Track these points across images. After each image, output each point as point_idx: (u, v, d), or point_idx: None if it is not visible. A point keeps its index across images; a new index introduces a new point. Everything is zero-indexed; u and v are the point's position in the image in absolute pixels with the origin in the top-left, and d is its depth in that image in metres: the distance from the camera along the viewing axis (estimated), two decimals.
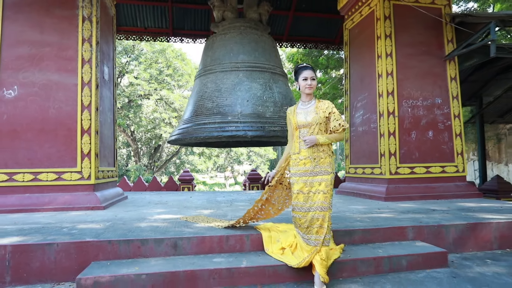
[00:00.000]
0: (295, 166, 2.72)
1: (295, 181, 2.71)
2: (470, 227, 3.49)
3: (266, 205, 3.17)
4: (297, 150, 2.73)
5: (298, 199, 2.65)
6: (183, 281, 2.51)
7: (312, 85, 2.73)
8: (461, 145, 6.02)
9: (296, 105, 2.88)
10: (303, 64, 2.86)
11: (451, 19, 6.13)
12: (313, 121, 2.68)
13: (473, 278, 2.72)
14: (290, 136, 2.93)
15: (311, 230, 2.56)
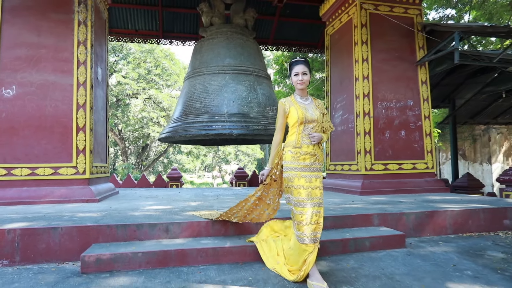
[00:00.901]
0: (295, 160, 2.64)
1: (294, 175, 2.62)
2: (428, 214, 3.96)
3: (261, 205, 3.04)
4: (299, 144, 2.65)
5: (300, 194, 2.57)
6: (174, 258, 2.88)
7: (304, 80, 2.65)
8: (430, 143, 6.53)
9: (291, 97, 2.77)
10: (296, 58, 2.76)
11: (422, 28, 6.64)
12: (319, 119, 2.69)
13: (424, 255, 3.17)
14: (280, 127, 2.80)
15: (310, 227, 2.51)
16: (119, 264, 2.78)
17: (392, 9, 6.55)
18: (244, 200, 3.09)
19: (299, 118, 2.63)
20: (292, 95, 2.80)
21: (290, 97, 2.77)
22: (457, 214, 4.04)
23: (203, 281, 2.55)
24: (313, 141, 2.64)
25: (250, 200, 3.03)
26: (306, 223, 2.51)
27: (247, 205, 3.07)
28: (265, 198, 2.99)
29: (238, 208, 3.13)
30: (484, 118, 10.20)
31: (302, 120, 2.64)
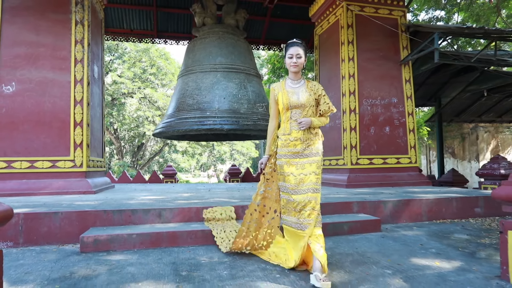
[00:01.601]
0: (285, 148, 2.59)
1: (284, 162, 2.58)
2: (405, 203, 4.25)
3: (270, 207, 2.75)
4: (288, 131, 2.59)
5: (289, 181, 2.53)
6: (166, 239, 3.14)
7: (298, 63, 2.56)
8: (414, 139, 6.83)
9: (282, 81, 2.71)
10: (292, 39, 2.66)
11: (406, 29, 6.94)
12: (307, 103, 2.58)
13: (397, 237, 3.45)
14: (273, 114, 2.75)
15: (303, 213, 2.45)
16: (115, 244, 3.03)
17: (377, 11, 6.84)
18: (250, 207, 2.81)
19: (284, 105, 2.59)
20: (284, 78, 2.72)
21: (281, 82, 2.71)
22: (432, 202, 4.33)
23: (192, 258, 2.81)
24: (301, 127, 2.54)
25: (256, 202, 2.77)
26: (298, 209, 2.45)
27: (255, 215, 2.78)
28: (270, 195, 2.75)
29: (246, 224, 2.81)
30: (469, 116, 10.55)
31: (287, 106, 2.58)
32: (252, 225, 2.79)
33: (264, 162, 2.77)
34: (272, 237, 2.78)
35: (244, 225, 2.82)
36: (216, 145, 27.41)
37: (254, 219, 2.79)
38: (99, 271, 2.51)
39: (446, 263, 2.69)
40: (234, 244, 2.86)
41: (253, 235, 2.79)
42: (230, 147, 28.52)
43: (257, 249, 2.81)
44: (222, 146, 27.99)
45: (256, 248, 2.80)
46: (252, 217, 2.79)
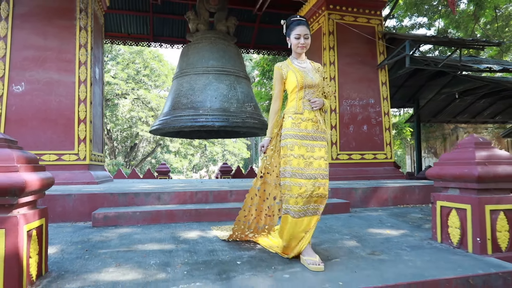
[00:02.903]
0: (296, 127, 2.44)
1: (294, 143, 2.41)
2: (373, 190, 4.86)
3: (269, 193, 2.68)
4: (301, 110, 2.46)
5: (299, 164, 2.37)
6: (165, 216, 3.69)
7: (306, 44, 2.47)
8: (389, 137, 7.47)
9: (288, 61, 2.60)
10: (296, 16, 2.55)
11: (382, 36, 7.59)
12: (320, 83, 2.52)
13: (362, 216, 4.06)
14: (277, 95, 2.61)
15: (310, 199, 2.35)
16: (122, 220, 3.58)
17: (356, 19, 7.48)
18: (250, 192, 2.76)
19: (299, 83, 2.46)
20: (288, 58, 2.63)
21: (287, 61, 2.60)
22: (397, 189, 4.95)
23: (187, 230, 3.37)
24: (314, 107, 2.46)
25: (256, 186, 2.70)
26: (306, 196, 2.33)
27: (255, 200, 2.73)
28: (270, 180, 2.64)
29: (246, 209, 2.78)
30: (446, 117, 11.27)
31: (302, 84, 2.46)
32: (253, 208, 2.74)
33: (266, 145, 2.62)
34: (273, 222, 2.73)
35: (245, 208, 2.77)
36: (208, 145, 27.85)
37: (255, 203, 2.73)
38: (111, 237, 3.06)
39: (394, 231, 3.30)
40: (235, 226, 2.83)
41: (254, 218, 2.76)
42: (222, 147, 28.97)
43: (259, 232, 2.80)
44: (214, 147, 28.41)
45: (258, 231, 2.80)
46: (252, 201, 2.74)
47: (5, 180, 1.73)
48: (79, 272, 2.17)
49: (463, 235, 2.63)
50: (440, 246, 2.78)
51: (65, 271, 2.19)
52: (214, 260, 2.42)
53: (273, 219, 2.73)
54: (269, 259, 2.44)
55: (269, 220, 2.75)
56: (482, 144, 2.70)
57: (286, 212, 2.40)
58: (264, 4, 7.90)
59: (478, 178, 2.49)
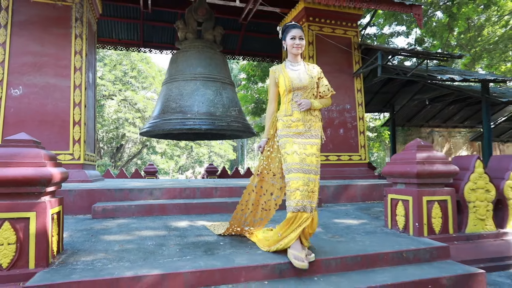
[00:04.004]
0: (287, 128, 2.59)
1: (287, 141, 2.56)
2: (344, 187, 5.44)
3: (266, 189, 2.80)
4: (290, 112, 2.60)
5: (293, 159, 2.49)
6: (157, 209, 4.16)
7: (301, 44, 2.62)
8: (364, 140, 8.09)
9: (283, 64, 2.73)
10: (291, 22, 2.72)
11: (358, 46, 8.22)
12: (309, 85, 2.61)
13: (331, 210, 4.61)
14: (272, 97, 2.76)
15: (307, 194, 2.44)
16: (119, 212, 4.04)
17: (334, 31, 8.08)
18: (247, 188, 2.87)
19: (287, 86, 2.60)
20: (283, 62, 2.77)
21: (282, 64, 2.74)
22: (365, 187, 5.54)
23: (177, 221, 3.85)
24: (300, 109, 2.57)
25: (253, 183, 2.81)
26: (302, 189, 2.42)
27: (252, 196, 2.83)
28: (267, 178, 2.77)
29: (243, 204, 2.90)
30: (419, 121, 12.03)
31: (290, 88, 2.60)
32: (249, 203, 2.86)
33: (263, 145, 2.76)
34: (268, 216, 2.88)
35: (242, 202, 2.90)
36: (194, 147, 28.13)
37: (251, 198, 2.84)
38: (110, 226, 3.52)
39: (356, 221, 3.86)
40: (233, 219, 2.96)
41: (251, 212, 2.88)
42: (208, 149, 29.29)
43: (255, 225, 2.94)
44: (201, 148, 28.69)
45: (254, 224, 2.94)
46: (250, 196, 2.86)
47: (37, 173, 2.19)
48: (90, 250, 2.64)
49: (406, 221, 3.21)
50: (389, 231, 3.35)
51: (78, 250, 2.66)
52: (201, 241, 2.93)
53: (269, 213, 2.87)
54: (247, 242, 2.95)
55: (265, 213, 2.88)
56: (423, 146, 3.28)
57: (287, 210, 2.48)
58: (249, 14, 8.44)
59: (417, 174, 3.07)
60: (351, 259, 2.52)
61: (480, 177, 3.29)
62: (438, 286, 2.37)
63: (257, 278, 2.29)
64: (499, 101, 7.58)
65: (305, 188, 2.43)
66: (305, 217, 2.43)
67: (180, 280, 2.15)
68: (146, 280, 2.09)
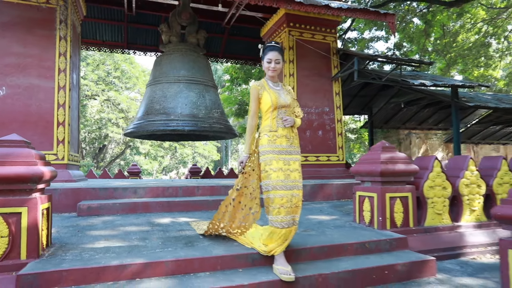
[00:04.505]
0: (272, 144, 2.65)
1: (272, 158, 2.61)
2: (320, 186, 5.74)
3: (245, 204, 2.84)
4: (275, 128, 2.68)
5: (278, 177, 2.56)
6: (141, 207, 4.35)
7: (276, 68, 2.73)
8: (341, 141, 8.44)
9: (264, 81, 2.81)
10: (271, 42, 2.78)
11: (336, 51, 8.57)
12: (292, 104, 2.78)
13: (308, 208, 4.89)
14: (254, 112, 2.80)
15: (290, 210, 2.54)
16: (104, 210, 4.21)
17: (313, 36, 8.41)
18: (225, 200, 2.93)
19: (273, 103, 2.67)
20: (263, 79, 2.85)
21: (262, 81, 2.81)
22: (340, 186, 5.86)
23: (160, 217, 4.05)
24: (286, 124, 2.67)
25: (232, 196, 2.87)
26: (288, 206, 2.52)
27: (230, 208, 2.90)
28: (246, 193, 2.81)
29: (221, 213, 2.97)
30: (396, 123, 12.51)
31: (276, 105, 2.68)
32: (226, 215, 2.92)
33: (244, 161, 2.79)
34: (247, 228, 2.90)
35: (219, 213, 2.97)
36: (178, 147, 28.09)
37: (229, 211, 2.90)
38: (96, 223, 3.70)
39: (328, 217, 4.15)
40: (211, 225, 3.04)
41: (227, 223, 2.94)
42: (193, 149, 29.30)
43: (232, 233, 2.98)
44: (185, 149, 28.64)
45: (230, 233, 2.98)
46: (227, 208, 2.91)
47: (29, 171, 2.38)
48: (77, 244, 2.83)
49: (372, 216, 3.51)
50: (357, 225, 3.65)
51: (66, 243, 2.84)
52: (182, 235, 3.15)
53: (246, 226, 2.89)
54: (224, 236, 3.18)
55: (242, 227, 2.90)
56: (388, 148, 3.59)
57: (270, 225, 2.56)
58: (232, 19, 8.69)
59: (381, 173, 3.37)
60: (318, 249, 2.79)
61: (438, 175, 3.62)
62: (393, 271, 2.67)
63: (233, 266, 2.54)
64: (467, 106, 8.05)
65: (290, 204, 2.53)
66: (288, 232, 2.54)
67: (162, 268, 2.37)
68: (130, 268, 2.30)
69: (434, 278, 2.76)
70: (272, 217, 2.54)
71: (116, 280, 2.25)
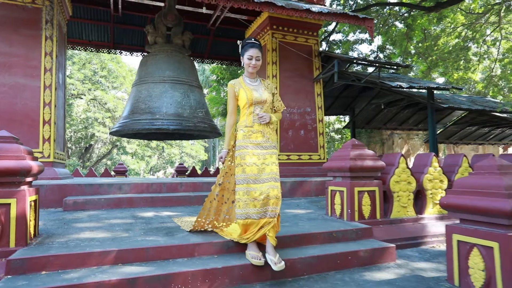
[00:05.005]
0: (247, 138, 2.71)
1: (246, 153, 2.68)
2: (299, 183, 6.00)
3: (228, 198, 2.97)
4: (251, 124, 2.74)
5: (252, 171, 2.62)
6: (125, 202, 4.53)
7: (256, 65, 2.77)
8: (323, 140, 8.73)
9: (241, 79, 2.86)
10: (251, 39, 2.81)
11: (318, 54, 8.86)
12: (268, 100, 2.80)
13: (286, 203, 5.14)
14: (232, 110, 2.87)
15: (268, 202, 2.59)
16: (89, 205, 4.37)
17: (296, 39, 8.68)
18: (209, 196, 3.03)
19: (249, 100, 2.74)
20: (241, 76, 2.91)
21: (239, 79, 2.87)
22: (318, 183, 6.13)
23: (144, 212, 4.24)
24: (261, 121, 2.74)
25: (215, 192, 2.97)
26: (261, 198, 2.58)
27: (214, 204, 2.99)
28: (229, 187, 2.92)
29: (206, 209, 3.05)
30: (377, 124, 12.91)
31: (252, 101, 2.74)
32: (211, 210, 3.02)
33: (224, 156, 2.89)
34: (231, 221, 3.01)
35: (204, 209, 3.06)
36: (166, 147, 28.07)
37: (213, 206, 3.01)
38: (81, 217, 3.87)
39: (303, 211, 4.40)
40: (196, 223, 3.08)
41: (213, 218, 3.03)
42: (180, 149, 29.31)
43: (217, 227, 3.04)
44: (172, 149, 28.60)
45: (216, 227, 3.05)
46: (211, 204, 3.02)
47: (18, 165, 2.55)
48: (63, 234, 3.01)
49: (342, 209, 3.78)
50: (329, 218, 3.91)
51: (52, 234, 3.01)
52: (164, 227, 3.35)
53: (230, 219, 3.01)
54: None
55: (227, 219, 3.02)
56: (357, 145, 3.87)
57: (247, 217, 2.61)
58: (217, 21, 8.90)
59: (350, 169, 3.64)
60: (289, 237, 3.04)
61: (403, 171, 3.92)
62: (356, 257, 2.93)
63: (209, 253, 2.76)
64: (441, 107, 8.44)
65: (265, 196, 2.58)
66: (264, 222, 2.60)
67: (143, 254, 2.58)
68: (113, 254, 2.50)
69: (394, 263, 3.04)
70: (249, 209, 2.61)
71: (100, 265, 2.45)
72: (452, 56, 17.72)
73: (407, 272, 2.82)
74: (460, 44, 17.62)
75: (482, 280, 2.25)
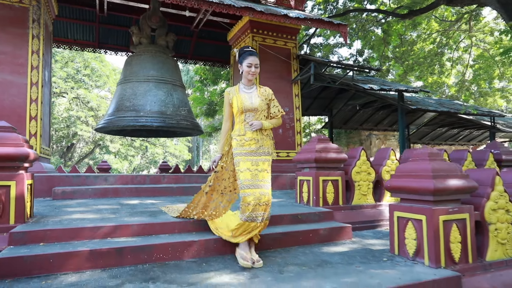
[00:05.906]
0: (240, 147, 2.79)
1: (241, 160, 2.77)
2: (275, 177, 6.43)
3: (216, 198, 3.07)
4: (243, 132, 2.81)
5: (245, 176, 2.71)
6: (111, 192, 4.86)
7: (256, 72, 2.86)
8: (300, 139, 9.21)
9: (236, 87, 2.94)
10: (248, 48, 2.91)
11: (296, 56, 9.35)
12: (259, 107, 2.83)
13: None
14: (227, 116, 2.96)
15: (258, 207, 2.67)
16: (77, 194, 4.69)
17: (275, 42, 9.13)
18: (199, 193, 3.12)
19: (239, 108, 2.82)
20: (238, 83, 2.98)
21: (236, 86, 2.96)
22: (293, 177, 6.56)
23: (129, 200, 4.59)
24: (252, 129, 2.79)
25: (204, 190, 3.05)
26: (253, 203, 2.65)
27: (202, 199, 3.09)
28: (218, 189, 3.01)
29: (195, 203, 3.14)
30: (353, 124, 13.52)
31: (242, 109, 2.81)
32: (199, 205, 3.12)
33: (217, 160, 2.99)
34: (217, 216, 3.09)
35: (193, 202, 3.16)
36: (149, 147, 28.10)
37: (202, 202, 3.11)
38: (71, 203, 4.20)
39: (276, 200, 4.84)
40: (183, 212, 3.20)
41: (200, 211, 3.13)
42: (164, 149, 29.38)
43: (203, 217, 3.13)
44: (156, 148, 28.65)
45: (202, 217, 3.14)
46: (200, 199, 3.12)
47: (17, 151, 2.89)
48: (56, 215, 3.34)
49: (309, 196, 4.23)
50: (297, 204, 4.36)
51: (46, 215, 3.35)
52: (147, 211, 3.72)
53: (216, 215, 3.10)
54: None
55: (213, 215, 3.10)
56: (322, 139, 4.33)
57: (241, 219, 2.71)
58: (200, 23, 9.28)
59: (315, 160, 4.09)
60: None
61: (364, 163, 4.40)
62: (317, 234, 3.38)
63: (188, 230, 3.15)
64: (410, 108, 9.05)
65: (257, 202, 2.67)
66: (253, 226, 2.71)
67: (129, 230, 2.95)
68: (103, 229, 2.86)
69: (350, 240, 3.50)
70: (243, 213, 2.72)
71: (91, 238, 2.81)
72: (427, 61, 18.57)
73: (359, 246, 3.28)
74: (435, 50, 18.50)
75: (414, 248, 2.73)
